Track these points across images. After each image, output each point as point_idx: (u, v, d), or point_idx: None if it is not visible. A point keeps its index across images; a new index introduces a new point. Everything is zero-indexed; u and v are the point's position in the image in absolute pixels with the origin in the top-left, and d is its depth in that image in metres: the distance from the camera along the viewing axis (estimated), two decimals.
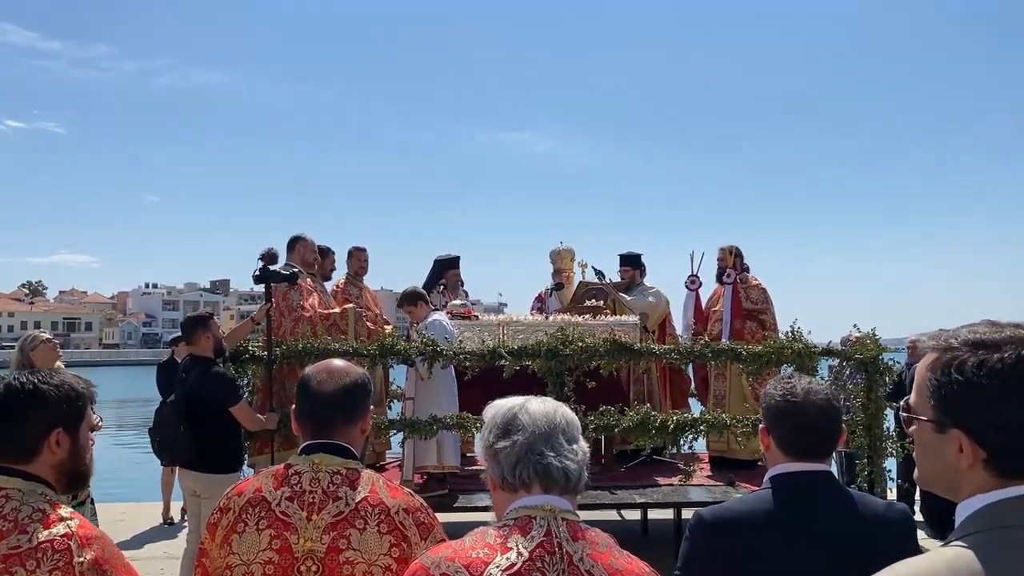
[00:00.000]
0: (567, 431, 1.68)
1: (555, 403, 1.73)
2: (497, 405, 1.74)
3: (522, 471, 1.63)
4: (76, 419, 1.97)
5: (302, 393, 2.12)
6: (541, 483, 1.63)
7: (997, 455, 1.19)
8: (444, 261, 8.12)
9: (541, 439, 1.64)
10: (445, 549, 1.61)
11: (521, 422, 1.66)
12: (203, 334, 5.21)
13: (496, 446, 1.67)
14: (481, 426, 5.35)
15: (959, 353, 1.23)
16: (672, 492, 6.25)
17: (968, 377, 1.21)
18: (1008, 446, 1.18)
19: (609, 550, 1.61)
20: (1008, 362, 1.19)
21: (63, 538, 1.79)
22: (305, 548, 1.94)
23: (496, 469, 1.67)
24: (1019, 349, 1.20)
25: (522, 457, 1.63)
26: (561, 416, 1.69)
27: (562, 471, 1.63)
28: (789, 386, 2.07)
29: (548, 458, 1.63)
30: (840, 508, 2.00)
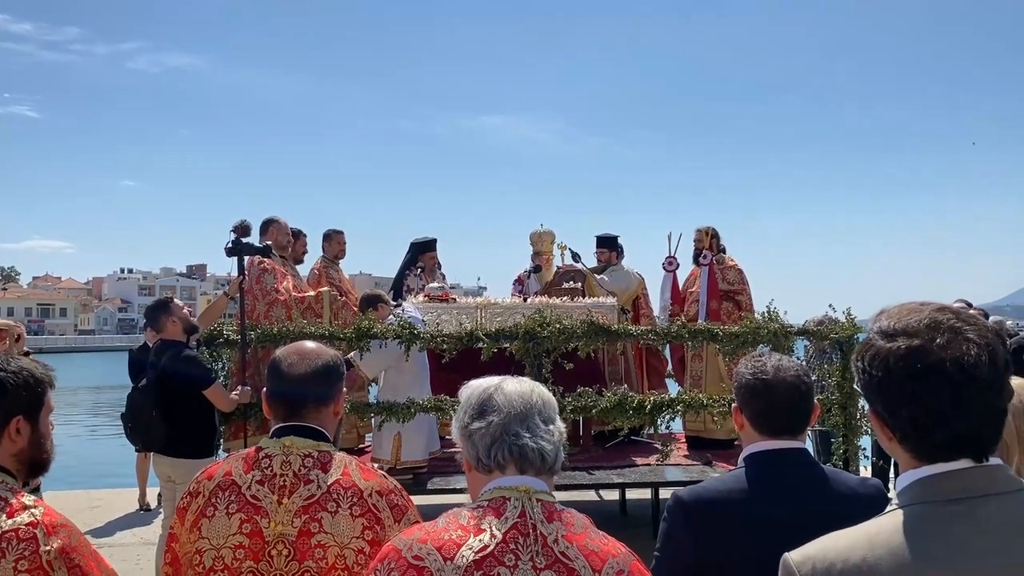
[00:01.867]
0: (543, 411, 1.66)
1: (531, 383, 1.71)
2: (473, 386, 1.71)
3: (497, 452, 1.61)
4: (36, 406, 1.92)
5: (273, 375, 2.09)
6: (516, 464, 1.61)
7: (904, 440, 1.23)
8: (420, 244, 8.06)
9: (517, 420, 1.62)
10: (418, 531, 1.59)
11: (497, 403, 1.64)
12: (167, 319, 5.14)
13: (471, 427, 1.64)
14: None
15: (871, 340, 1.26)
16: (650, 472, 6.27)
17: (865, 366, 1.25)
18: (907, 434, 1.22)
19: (585, 531, 1.59)
20: (894, 355, 1.21)
21: (28, 527, 1.75)
22: (276, 532, 1.91)
23: (471, 450, 1.65)
24: (910, 341, 1.20)
25: (497, 438, 1.61)
26: (537, 396, 1.67)
27: (538, 452, 1.61)
28: (760, 364, 2.07)
29: (524, 439, 1.61)
30: (815, 485, 2.01)
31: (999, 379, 1.20)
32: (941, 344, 1.19)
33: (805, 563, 1.21)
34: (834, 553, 1.19)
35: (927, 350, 1.19)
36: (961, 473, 1.19)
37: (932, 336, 1.20)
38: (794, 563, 1.22)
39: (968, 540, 1.14)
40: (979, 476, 1.19)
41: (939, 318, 1.22)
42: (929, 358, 1.18)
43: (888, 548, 1.16)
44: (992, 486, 1.18)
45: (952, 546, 1.14)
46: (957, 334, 1.19)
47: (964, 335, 1.19)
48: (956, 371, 1.17)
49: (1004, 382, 1.21)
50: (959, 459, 1.19)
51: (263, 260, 6.08)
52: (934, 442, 1.20)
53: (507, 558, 1.50)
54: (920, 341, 1.20)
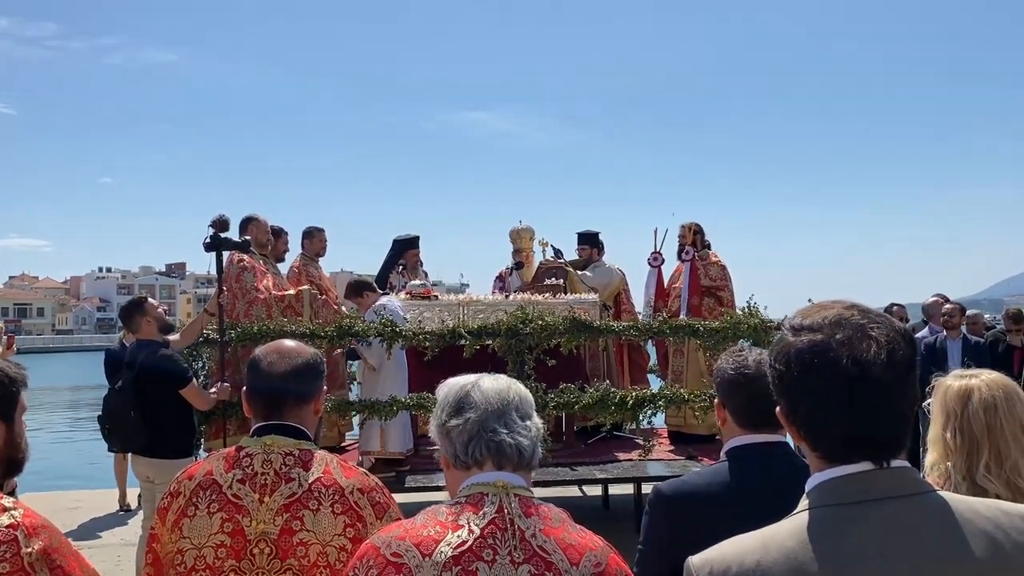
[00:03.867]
0: (520, 407, 1.66)
1: (508, 380, 1.72)
2: (450, 383, 1.71)
3: (475, 449, 1.61)
4: (10, 406, 1.90)
5: (252, 374, 2.08)
6: (494, 460, 1.61)
7: (805, 438, 1.23)
8: (403, 241, 8.05)
9: (494, 416, 1.63)
10: (396, 528, 1.59)
11: (474, 400, 1.64)
12: (142, 319, 5.09)
13: (448, 424, 1.65)
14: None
15: (782, 335, 1.25)
16: (632, 467, 6.30)
17: (772, 361, 1.25)
18: (807, 432, 1.22)
19: (562, 525, 1.60)
20: (795, 349, 1.20)
21: (8, 528, 1.73)
22: (258, 531, 1.91)
23: (449, 447, 1.65)
24: (812, 335, 1.19)
25: (474, 435, 1.62)
26: (514, 393, 1.68)
27: (515, 448, 1.61)
28: (741, 359, 2.07)
29: (501, 435, 1.61)
30: (796, 478, 2.01)
31: (898, 380, 1.17)
32: (841, 340, 1.17)
33: (704, 567, 1.21)
34: (731, 557, 1.19)
35: (827, 345, 1.17)
36: (861, 476, 1.17)
37: (834, 332, 1.18)
38: (694, 567, 1.23)
39: (859, 546, 1.13)
40: (879, 479, 1.17)
41: (845, 315, 1.20)
42: (828, 353, 1.17)
43: (782, 552, 1.15)
44: (892, 490, 1.16)
45: (843, 550, 1.13)
46: (859, 331, 1.17)
47: (867, 332, 1.17)
48: (852, 367, 1.15)
49: (904, 384, 1.18)
50: (859, 461, 1.18)
51: (243, 258, 6.05)
52: (830, 441, 1.19)
53: (485, 553, 1.51)
54: (822, 336, 1.18)
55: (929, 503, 1.17)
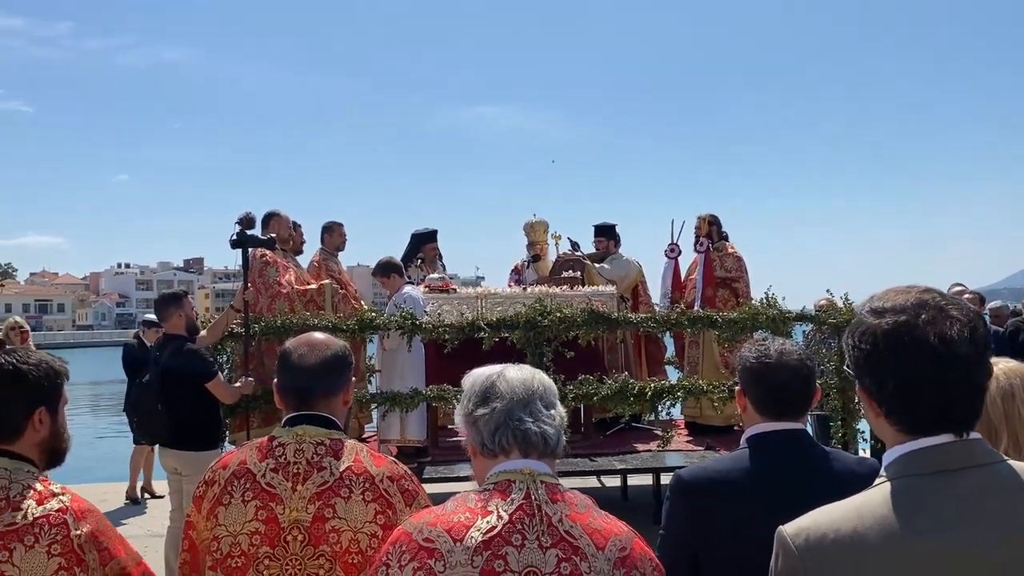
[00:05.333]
0: (545, 397, 1.70)
1: (532, 370, 1.76)
2: (476, 374, 1.76)
3: (501, 437, 1.65)
4: (56, 397, 1.99)
5: (283, 366, 2.13)
6: (520, 448, 1.65)
7: (890, 414, 1.30)
8: (421, 235, 8.10)
9: (519, 405, 1.67)
10: (427, 515, 1.64)
11: (499, 389, 1.68)
12: (175, 312, 5.18)
13: (475, 413, 1.69)
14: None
15: (862, 318, 1.32)
16: (651, 458, 6.35)
17: (856, 342, 1.32)
18: (894, 407, 1.28)
19: (588, 511, 1.64)
20: (881, 329, 1.27)
21: (58, 512, 1.82)
22: (291, 518, 1.96)
23: (476, 436, 1.69)
24: (897, 317, 1.27)
25: (501, 424, 1.66)
26: (539, 382, 1.72)
27: (540, 436, 1.66)
28: (763, 348, 2.11)
29: (527, 424, 1.65)
30: (814, 465, 2.06)
31: (979, 356, 1.26)
32: (926, 320, 1.26)
33: (799, 535, 1.27)
34: (825, 525, 1.26)
35: (913, 325, 1.26)
36: (942, 447, 1.26)
37: (918, 313, 1.26)
38: (788, 535, 1.29)
39: (947, 511, 1.21)
40: (959, 450, 1.26)
41: (925, 298, 1.29)
42: (914, 333, 1.25)
43: (875, 519, 1.23)
44: (970, 459, 1.25)
45: (933, 517, 1.21)
46: (941, 312, 1.26)
47: (948, 313, 1.26)
48: (939, 345, 1.24)
49: (984, 359, 1.27)
50: (941, 434, 1.26)
51: (265, 253, 6.12)
52: (917, 415, 1.27)
53: (514, 538, 1.55)
54: (907, 317, 1.26)
55: (1003, 471, 1.26)
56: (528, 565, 1.53)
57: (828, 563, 1.23)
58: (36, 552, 1.76)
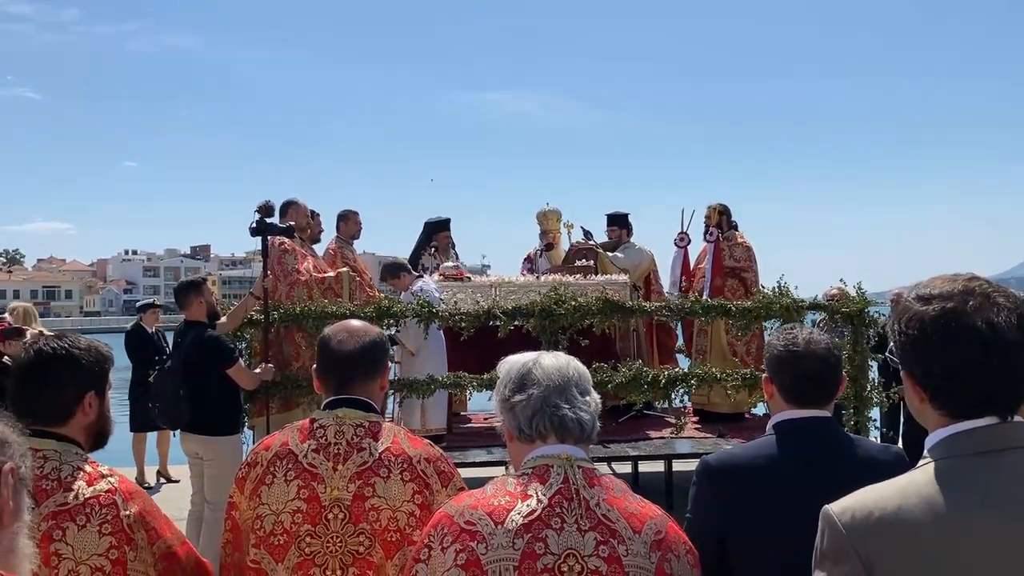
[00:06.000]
0: (580, 383, 1.75)
1: (567, 357, 1.80)
2: (511, 361, 1.80)
3: (538, 423, 1.69)
4: (104, 382, 2.05)
5: (323, 352, 2.19)
6: (557, 434, 1.69)
7: (935, 398, 1.33)
8: (434, 223, 8.14)
9: (555, 392, 1.71)
10: (467, 498, 1.68)
11: (535, 376, 1.72)
12: (196, 298, 5.24)
13: (512, 400, 1.73)
14: (476, 385, 5.43)
15: (908, 305, 1.36)
16: (663, 445, 6.41)
17: (903, 328, 1.35)
18: (939, 391, 1.32)
19: (624, 495, 1.68)
20: (929, 316, 1.31)
21: (108, 493, 1.88)
22: (332, 496, 2.03)
23: (513, 421, 1.73)
24: (944, 303, 1.31)
25: (538, 410, 1.70)
26: (573, 370, 1.76)
27: (577, 422, 1.70)
28: (791, 336, 2.15)
29: (563, 410, 1.69)
30: (840, 452, 2.10)
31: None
32: (974, 306, 1.29)
33: (845, 513, 1.30)
34: (871, 503, 1.29)
35: (961, 311, 1.29)
36: (987, 429, 1.29)
37: (965, 300, 1.30)
38: (835, 513, 1.32)
39: (992, 489, 1.25)
40: (1003, 432, 1.29)
41: (972, 285, 1.33)
42: (962, 319, 1.29)
43: (921, 497, 1.26)
44: (1015, 441, 1.29)
45: (979, 495, 1.25)
46: (988, 299, 1.30)
47: (994, 300, 1.30)
48: (987, 331, 1.27)
49: None
50: (985, 417, 1.30)
51: (284, 241, 6.18)
52: (964, 398, 1.30)
53: (553, 521, 1.59)
54: (954, 304, 1.30)
55: None
56: (567, 548, 1.57)
57: (875, 540, 1.26)
58: (88, 531, 1.83)
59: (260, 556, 2.03)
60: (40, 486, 1.85)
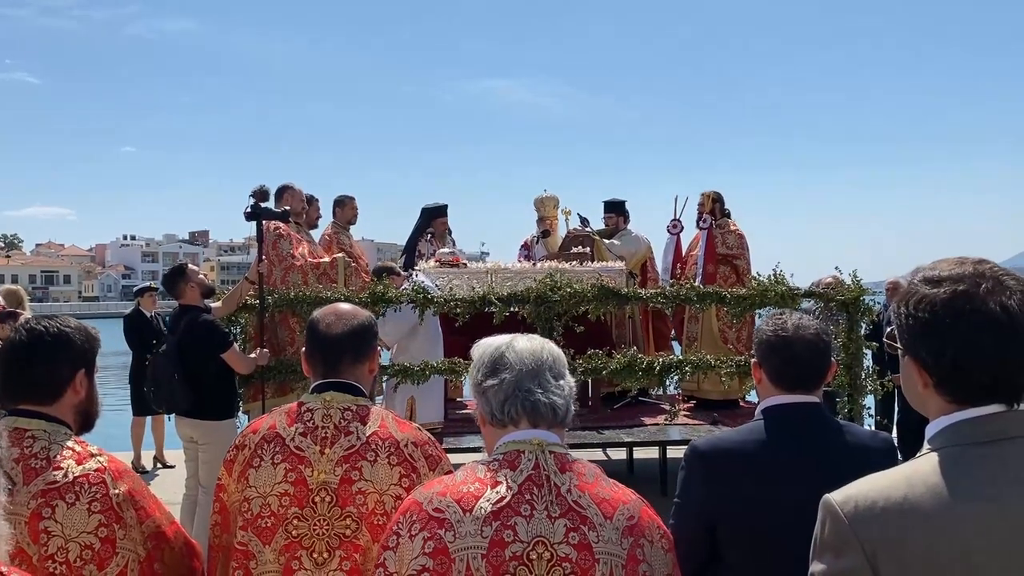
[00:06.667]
0: (554, 367, 1.71)
1: (542, 340, 1.76)
2: (484, 344, 1.76)
3: (510, 408, 1.66)
4: (93, 362, 2.06)
5: (311, 335, 2.19)
6: (529, 418, 1.66)
7: (942, 383, 1.29)
8: (432, 209, 8.12)
9: (528, 376, 1.67)
10: (437, 485, 1.65)
11: (508, 360, 1.69)
12: (185, 285, 5.23)
13: (484, 384, 1.70)
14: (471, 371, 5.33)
15: (914, 287, 1.32)
16: (657, 431, 6.42)
17: (911, 311, 1.30)
18: (947, 376, 1.28)
19: (596, 480, 1.65)
20: (940, 298, 1.27)
21: (97, 472, 1.89)
22: (319, 480, 2.02)
23: (485, 406, 1.70)
24: (956, 286, 1.27)
25: (510, 394, 1.67)
26: (548, 353, 1.72)
27: (549, 406, 1.67)
28: (780, 322, 2.15)
29: (536, 394, 1.66)
30: (828, 437, 2.10)
31: None
32: (987, 289, 1.26)
33: (847, 502, 1.26)
34: (875, 493, 1.25)
35: (974, 294, 1.26)
36: (992, 417, 1.26)
37: (977, 283, 1.26)
38: (836, 503, 1.27)
39: (1000, 479, 1.22)
40: (1009, 420, 1.27)
41: (982, 268, 1.29)
42: (975, 302, 1.25)
43: (926, 487, 1.23)
44: (1020, 430, 1.26)
45: (985, 484, 1.22)
46: (999, 282, 1.27)
47: (1005, 284, 1.27)
48: (1002, 315, 1.24)
49: None
50: (991, 404, 1.27)
51: (279, 226, 6.17)
52: (973, 384, 1.26)
53: (523, 508, 1.57)
54: (966, 287, 1.26)
55: None
56: (537, 535, 1.55)
57: (879, 531, 1.22)
58: (77, 509, 1.84)
59: (247, 538, 2.03)
60: (29, 465, 1.86)
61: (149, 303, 8.59)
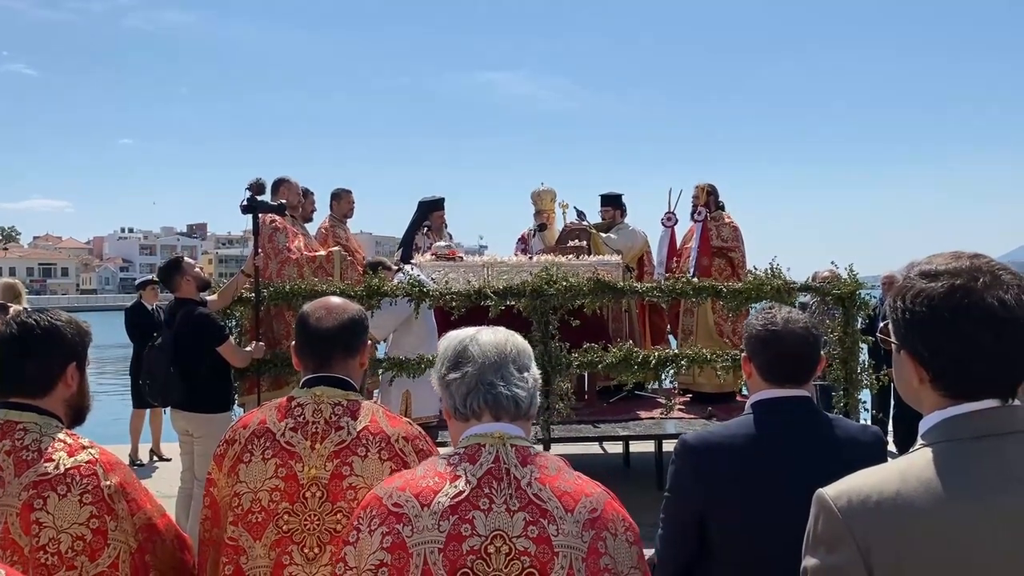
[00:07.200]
0: (518, 360, 1.69)
1: (507, 332, 1.74)
2: (449, 337, 1.75)
3: (472, 401, 1.65)
4: (85, 355, 2.06)
5: (301, 329, 2.18)
6: (491, 411, 1.65)
7: (938, 378, 1.28)
8: (429, 203, 8.12)
9: (491, 369, 1.65)
10: (397, 480, 1.64)
11: (471, 353, 1.67)
12: (181, 278, 5.23)
13: (448, 378, 1.68)
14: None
15: (910, 281, 1.31)
16: (653, 425, 6.43)
17: (907, 305, 1.29)
18: (944, 371, 1.27)
19: (559, 473, 1.63)
20: (937, 293, 1.26)
21: (88, 464, 1.90)
22: (310, 475, 2.02)
23: (449, 400, 1.69)
24: (952, 280, 1.26)
25: (472, 388, 1.65)
26: (512, 345, 1.70)
27: (511, 399, 1.65)
28: (769, 316, 2.15)
29: (498, 387, 1.64)
30: (818, 431, 2.10)
31: None
32: (984, 284, 1.25)
33: (840, 497, 1.25)
34: (868, 487, 1.24)
35: (971, 289, 1.25)
36: (987, 412, 1.26)
37: (975, 277, 1.25)
38: (830, 497, 1.27)
39: (994, 475, 1.21)
40: (1004, 415, 1.26)
41: (978, 263, 1.28)
42: (973, 296, 1.24)
43: (920, 482, 1.22)
44: (1016, 425, 1.25)
45: (980, 480, 1.21)
46: (995, 276, 1.26)
47: (1002, 278, 1.26)
48: (999, 308, 1.23)
49: None
50: (986, 399, 1.26)
51: (275, 219, 6.16)
52: (969, 379, 1.26)
53: (481, 502, 1.55)
54: (963, 281, 1.25)
55: None
56: (495, 529, 1.53)
57: (873, 525, 1.22)
58: (69, 501, 1.84)
59: (238, 533, 2.03)
60: (20, 457, 1.86)
61: (151, 296, 8.59)
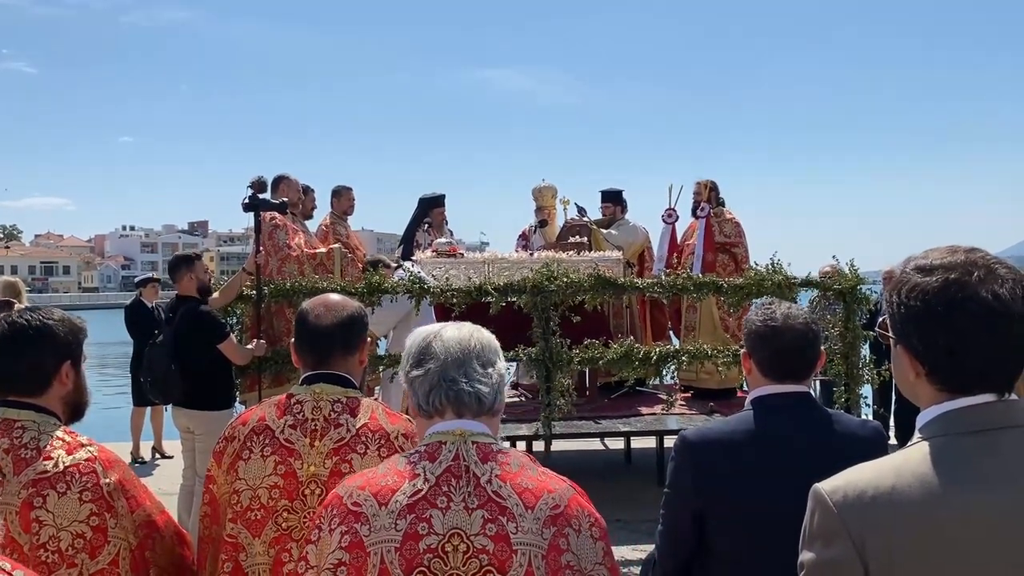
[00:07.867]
0: (482, 355, 1.67)
1: (471, 328, 1.73)
2: (415, 333, 1.74)
3: (435, 398, 1.64)
4: (79, 353, 2.06)
5: (301, 326, 2.18)
6: (454, 408, 1.64)
7: (933, 372, 1.28)
8: (429, 200, 8.11)
9: (453, 366, 1.64)
10: (359, 479, 1.64)
11: (434, 350, 1.66)
12: (187, 274, 5.24)
13: (412, 375, 1.67)
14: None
15: (905, 275, 1.31)
16: (654, 421, 6.42)
17: (902, 299, 1.30)
18: (939, 365, 1.27)
19: (521, 469, 1.61)
20: (933, 287, 1.26)
21: (88, 462, 1.90)
22: (309, 473, 2.02)
23: (413, 397, 1.68)
24: (948, 274, 1.26)
25: (435, 384, 1.64)
26: (476, 341, 1.69)
27: (474, 396, 1.63)
28: (769, 311, 2.14)
29: (460, 384, 1.63)
30: (818, 427, 2.10)
31: None
32: (979, 278, 1.24)
33: (836, 492, 1.26)
34: (864, 482, 1.24)
35: (966, 283, 1.24)
36: (983, 407, 1.26)
37: (970, 271, 1.25)
38: (825, 492, 1.27)
39: (990, 470, 1.21)
40: (1000, 410, 1.26)
41: (974, 257, 1.28)
42: (968, 290, 1.24)
43: (915, 476, 1.22)
44: (1012, 419, 1.25)
45: (976, 475, 1.21)
46: (991, 271, 1.26)
47: (997, 272, 1.26)
48: (994, 303, 1.23)
49: None
50: (982, 393, 1.26)
51: (275, 216, 6.15)
52: (964, 373, 1.26)
53: (439, 500, 1.54)
54: (958, 275, 1.25)
55: None
56: (453, 527, 1.52)
57: (868, 520, 1.22)
58: (68, 499, 1.85)
59: (237, 531, 2.04)
60: (19, 455, 1.86)
61: (151, 294, 8.60)
